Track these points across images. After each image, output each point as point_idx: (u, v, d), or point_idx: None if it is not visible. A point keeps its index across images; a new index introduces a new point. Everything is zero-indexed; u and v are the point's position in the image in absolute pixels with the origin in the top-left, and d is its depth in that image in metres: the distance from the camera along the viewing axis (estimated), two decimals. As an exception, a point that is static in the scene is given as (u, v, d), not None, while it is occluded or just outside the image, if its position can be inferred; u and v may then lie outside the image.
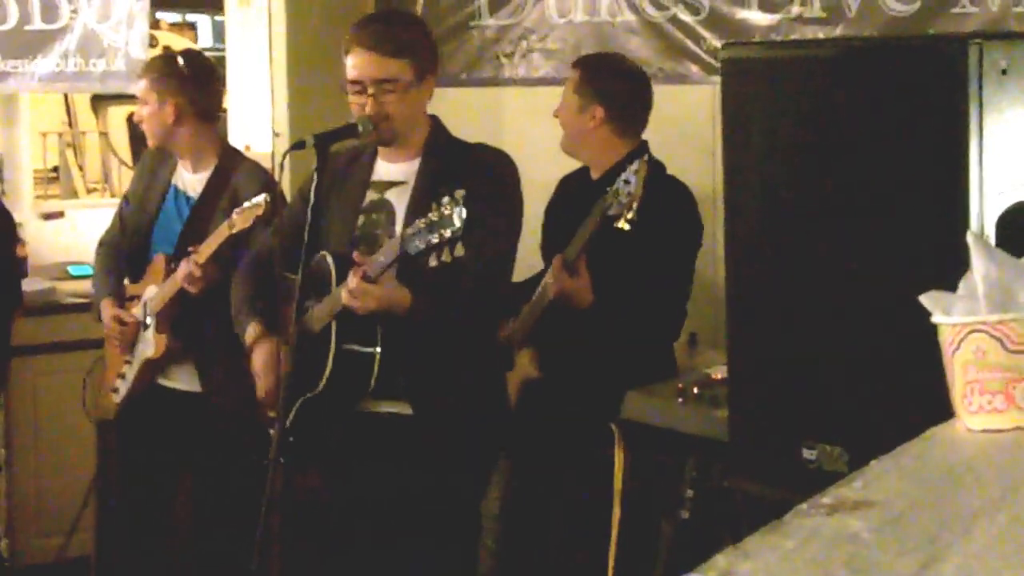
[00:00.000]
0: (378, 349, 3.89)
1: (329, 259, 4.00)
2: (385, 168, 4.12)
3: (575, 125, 4.88)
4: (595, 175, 4.91)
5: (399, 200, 4.05)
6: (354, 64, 4.00)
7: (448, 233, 3.56)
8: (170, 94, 4.97)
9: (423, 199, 3.96)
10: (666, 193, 4.71)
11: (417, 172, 4.06)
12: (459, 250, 3.58)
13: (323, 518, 4.21)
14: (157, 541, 5.23)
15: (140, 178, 5.30)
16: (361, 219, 4.09)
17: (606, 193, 4.31)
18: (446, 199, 3.58)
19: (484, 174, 4.00)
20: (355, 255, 3.86)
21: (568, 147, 4.94)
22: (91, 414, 5.57)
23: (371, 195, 4.11)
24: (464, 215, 3.54)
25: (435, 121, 4.16)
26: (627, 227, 4.23)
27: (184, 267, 4.75)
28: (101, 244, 5.35)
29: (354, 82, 4.00)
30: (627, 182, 4.24)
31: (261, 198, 4.56)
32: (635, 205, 4.20)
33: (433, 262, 3.62)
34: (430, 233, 3.59)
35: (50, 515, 6.29)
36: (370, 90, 3.97)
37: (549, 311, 4.58)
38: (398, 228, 4.00)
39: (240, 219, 4.58)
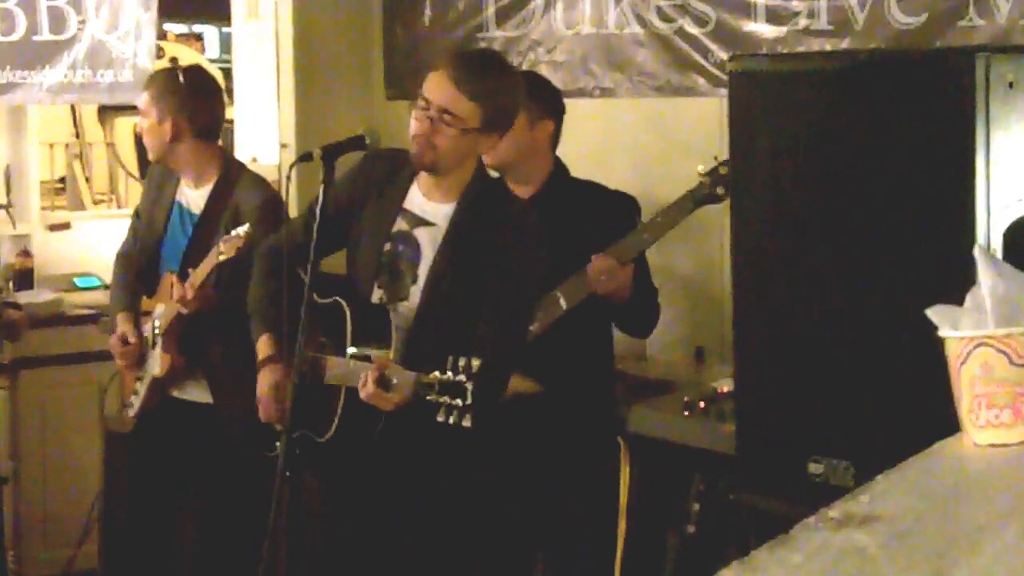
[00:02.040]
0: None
1: (346, 309, 3.99)
2: (420, 201, 4.08)
3: (524, 140, 4.72)
4: (526, 194, 4.80)
5: (428, 243, 4.02)
6: (431, 84, 3.95)
7: (459, 403, 3.59)
8: (169, 111, 4.96)
9: (451, 252, 3.96)
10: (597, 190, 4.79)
11: (450, 221, 4.03)
12: (467, 422, 3.61)
13: (329, 531, 4.20)
14: (164, 554, 5.22)
15: (148, 193, 5.30)
16: (387, 246, 4.07)
17: (700, 184, 4.51)
18: (462, 363, 3.60)
19: (514, 239, 3.99)
20: (373, 355, 3.85)
21: (508, 162, 4.70)
22: (109, 426, 5.56)
23: (401, 224, 4.07)
24: (475, 392, 3.58)
25: (479, 164, 4.11)
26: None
27: (177, 290, 4.77)
28: (118, 256, 5.35)
29: (423, 99, 3.97)
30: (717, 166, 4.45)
31: (243, 229, 4.57)
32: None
33: (440, 418, 3.64)
34: (442, 393, 3.62)
35: (57, 527, 6.28)
36: (431, 113, 3.94)
37: (565, 319, 4.58)
38: (422, 270, 3.99)
39: (226, 248, 4.59)
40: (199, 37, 11.49)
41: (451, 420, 3.62)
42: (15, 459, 6.23)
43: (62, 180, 9.36)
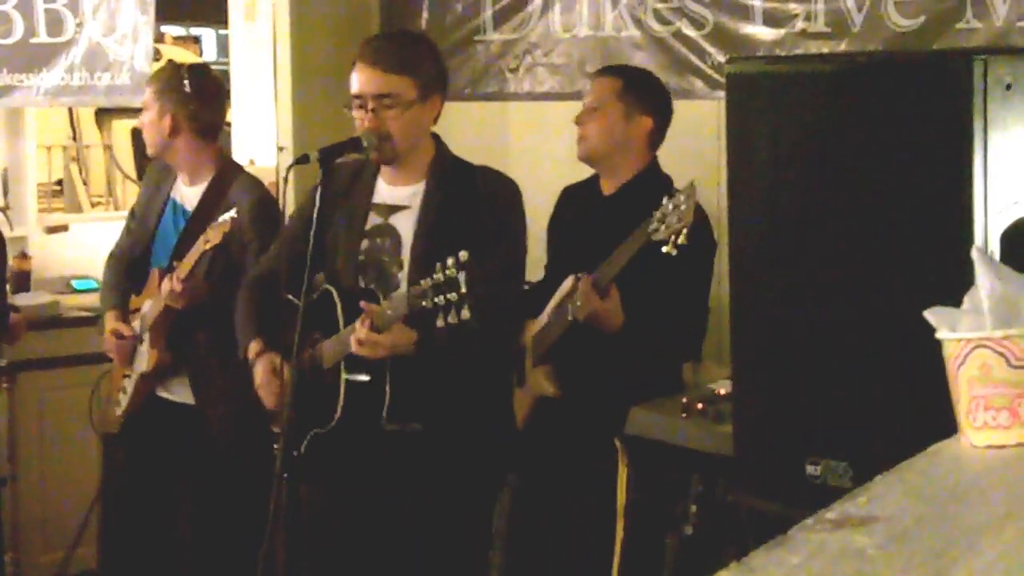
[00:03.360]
0: (388, 384, 3.89)
1: (335, 294, 4.00)
2: (388, 191, 4.11)
3: (617, 131, 4.75)
4: (609, 190, 4.83)
5: (405, 227, 4.04)
6: (356, 79, 4.02)
7: (454, 296, 3.57)
8: (170, 107, 4.98)
9: (429, 227, 3.97)
10: None
11: (422, 198, 4.05)
12: (466, 313, 3.59)
13: (328, 534, 4.20)
14: (161, 555, 5.22)
15: (145, 191, 5.32)
16: (365, 243, 4.08)
17: (649, 219, 4.26)
18: (450, 261, 3.59)
19: (489, 205, 4.00)
20: (363, 304, 3.85)
21: (598, 153, 4.78)
22: (97, 428, 5.56)
23: (374, 218, 4.10)
24: (468, 279, 3.55)
25: (438, 142, 4.14)
26: (674, 252, 4.18)
27: (166, 283, 4.78)
28: (110, 256, 5.36)
29: (356, 96, 4.01)
30: (676, 207, 4.17)
31: (229, 215, 4.58)
32: (685, 231, 4.15)
33: (440, 323, 3.63)
34: (435, 294, 3.60)
35: (54, 529, 6.29)
36: (370, 105, 3.97)
37: (572, 331, 4.55)
38: (405, 255, 4.00)
39: (213, 234, 4.60)
40: (196, 40, 11.48)
41: (449, 319, 3.61)
42: (13, 461, 6.24)
43: (59, 183, 9.36)
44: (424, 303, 3.63)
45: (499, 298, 3.98)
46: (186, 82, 5.03)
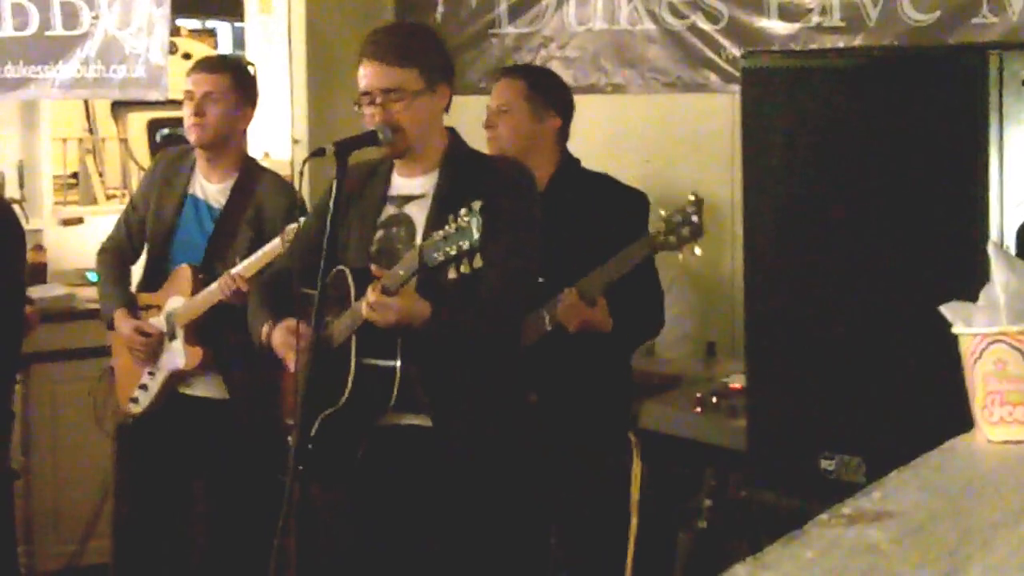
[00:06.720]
0: (398, 363, 3.88)
1: (348, 274, 3.99)
2: (403, 182, 4.11)
3: (528, 131, 4.78)
4: None
5: (419, 214, 4.03)
6: (363, 75, 4.01)
7: (466, 245, 3.55)
8: (249, 102, 5.04)
9: (443, 212, 3.94)
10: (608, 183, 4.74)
11: (436, 185, 4.04)
12: (477, 261, 3.57)
13: (340, 530, 4.20)
14: (174, 549, 5.21)
15: (151, 185, 5.25)
16: (379, 233, 4.07)
17: (655, 232, 4.34)
18: (463, 211, 3.57)
19: (503, 188, 3.99)
20: (373, 268, 3.85)
21: (509, 153, 4.76)
22: (101, 424, 5.56)
23: (389, 209, 4.09)
24: (481, 226, 3.53)
25: (452, 134, 4.14)
26: (680, 257, 4.32)
27: (228, 281, 4.74)
28: (104, 251, 5.31)
29: (364, 93, 4.01)
30: (686, 221, 4.25)
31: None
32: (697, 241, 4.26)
33: (452, 274, 3.61)
34: (447, 245, 3.58)
35: (67, 521, 6.29)
36: (378, 99, 3.96)
37: (552, 336, 4.54)
38: (418, 242, 3.98)
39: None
40: (212, 32, 11.46)
41: (462, 269, 3.59)
42: (26, 454, 6.24)
43: (75, 175, 9.35)
44: (436, 255, 3.61)
45: (512, 279, 3.96)
46: (254, 80, 5.12)
